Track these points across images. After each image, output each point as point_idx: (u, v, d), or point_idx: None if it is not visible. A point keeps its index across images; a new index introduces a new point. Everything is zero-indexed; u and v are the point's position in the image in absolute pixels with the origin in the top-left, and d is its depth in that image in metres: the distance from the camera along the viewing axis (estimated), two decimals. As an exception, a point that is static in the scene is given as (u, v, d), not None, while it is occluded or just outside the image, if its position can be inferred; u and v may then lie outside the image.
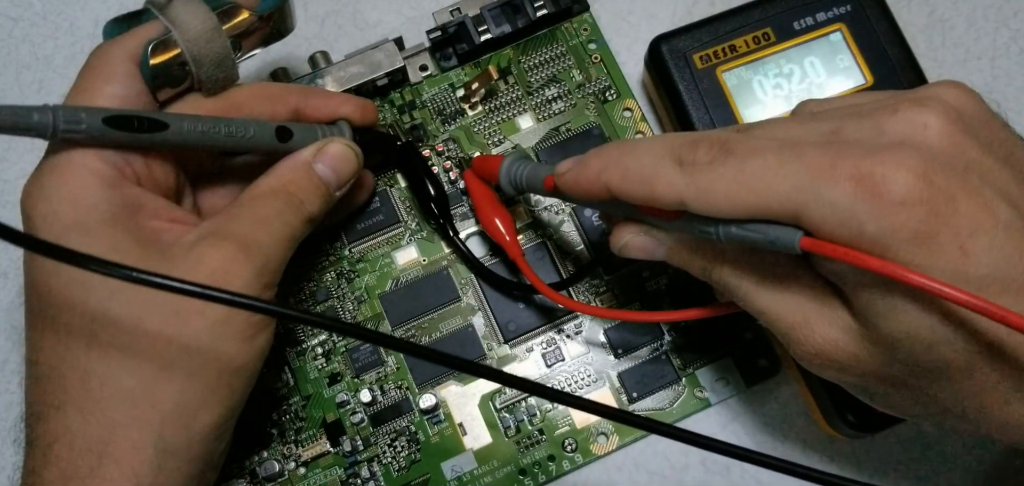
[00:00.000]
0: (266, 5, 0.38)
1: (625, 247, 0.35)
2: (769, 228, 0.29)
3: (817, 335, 0.31)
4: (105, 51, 0.35)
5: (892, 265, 0.27)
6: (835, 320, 0.31)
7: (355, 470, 0.41)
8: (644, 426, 0.32)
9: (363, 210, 0.44)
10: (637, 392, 0.42)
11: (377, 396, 0.42)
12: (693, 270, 0.34)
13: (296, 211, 0.36)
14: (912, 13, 0.48)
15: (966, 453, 0.42)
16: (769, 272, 0.32)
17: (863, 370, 0.31)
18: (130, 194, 0.34)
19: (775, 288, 0.32)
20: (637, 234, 0.35)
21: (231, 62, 0.37)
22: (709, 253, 0.33)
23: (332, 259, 0.44)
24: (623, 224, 0.35)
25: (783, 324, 0.32)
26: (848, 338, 0.30)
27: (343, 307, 0.43)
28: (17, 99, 0.47)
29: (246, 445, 0.41)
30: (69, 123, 0.32)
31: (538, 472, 0.41)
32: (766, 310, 0.32)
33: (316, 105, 0.39)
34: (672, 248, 0.34)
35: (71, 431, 0.32)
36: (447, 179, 0.45)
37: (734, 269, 0.33)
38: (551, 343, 0.43)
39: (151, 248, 0.33)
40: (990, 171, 0.28)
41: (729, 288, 0.33)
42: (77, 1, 0.49)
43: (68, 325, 0.32)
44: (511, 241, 0.41)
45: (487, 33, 0.46)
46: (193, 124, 0.35)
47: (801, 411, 0.42)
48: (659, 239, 0.34)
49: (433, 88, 0.46)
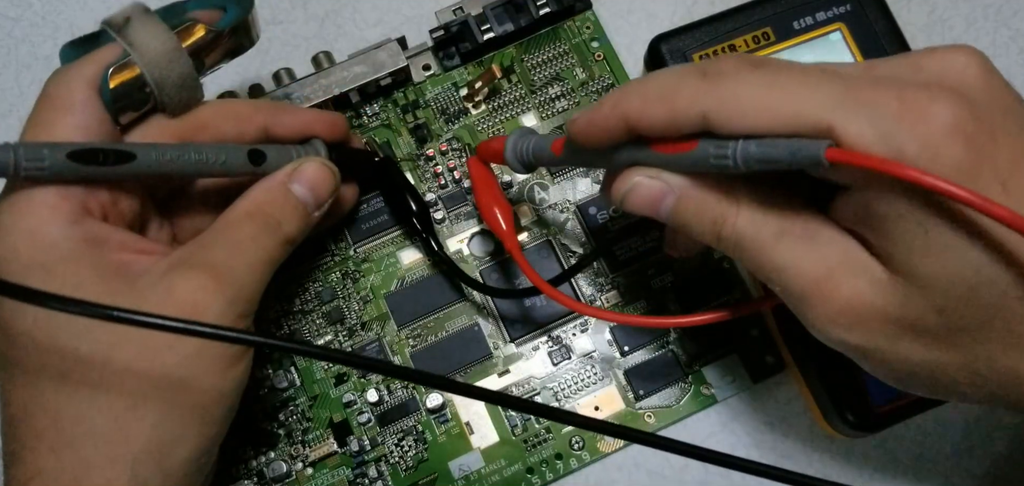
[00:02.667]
0: (227, 20, 0.37)
1: (630, 192, 0.32)
2: (792, 141, 0.27)
3: (843, 289, 0.29)
4: (63, 78, 0.34)
5: (941, 179, 0.25)
6: (863, 270, 0.29)
7: (363, 470, 0.41)
8: (622, 435, 0.32)
9: (357, 212, 0.44)
10: (644, 390, 0.42)
11: (384, 396, 0.42)
12: (703, 224, 0.31)
13: (272, 234, 0.35)
14: (912, 12, 0.49)
15: (966, 454, 0.42)
16: (789, 223, 0.30)
17: (892, 327, 0.29)
18: (92, 229, 0.33)
19: (796, 240, 0.30)
20: (647, 178, 0.32)
21: (194, 81, 0.36)
22: (724, 201, 0.31)
23: (337, 259, 0.43)
24: (629, 169, 0.32)
25: (805, 280, 0.30)
26: (876, 290, 0.29)
27: (349, 307, 0.43)
28: (17, 99, 0.47)
29: (253, 446, 0.41)
30: (31, 161, 0.31)
31: (545, 470, 0.41)
32: (786, 265, 0.30)
33: (286, 122, 0.38)
34: (682, 196, 0.31)
35: (45, 472, 0.31)
36: (452, 178, 0.45)
37: (751, 220, 0.30)
38: (557, 341, 0.43)
39: (117, 282, 0.32)
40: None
41: (743, 243, 0.31)
42: (76, 1, 0.49)
43: (37, 365, 0.32)
44: (508, 231, 0.40)
45: (490, 32, 0.46)
46: (161, 153, 0.34)
47: (801, 411, 0.43)
48: (669, 184, 0.31)
49: (436, 87, 0.46)
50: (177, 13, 0.36)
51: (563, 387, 0.42)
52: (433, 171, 0.45)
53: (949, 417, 0.42)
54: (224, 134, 0.37)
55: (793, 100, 0.27)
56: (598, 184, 0.44)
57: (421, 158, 0.45)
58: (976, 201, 0.25)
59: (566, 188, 0.45)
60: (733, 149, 0.28)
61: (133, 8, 0.35)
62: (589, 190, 0.45)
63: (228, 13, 0.37)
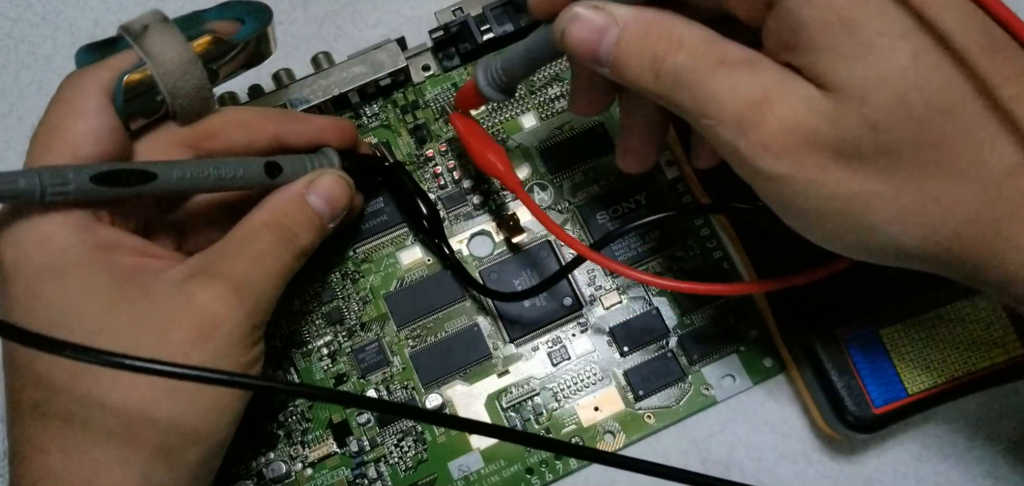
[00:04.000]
0: (245, 32, 0.37)
1: (571, 24, 0.31)
2: None
3: (778, 109, 0.28)
4: (77, 82, 0.34)
5: None
6: (798, 90, 0.28)
7: (362, 470, 0.41)
8: (579, 454, 0.32)
9: (360, 217, 0.44)
10: (643, 390, 0.42)
11: (383, 396, 0.42)
12: (644, 63, 0.30)
13: (289, 245, 0.35)
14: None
15: (966, 454, 0.42)
16: (730, 55, 0.29)
17: (823, 153, 0.28)
18: (104, 234, 0.33)
19: (734, 68, 0.29)
20: (586, 9, 0.31)
21: (207, 92, 0.36)
22: (666, 38, 0.30)
23: (337, 260, 0.43)
24: (572, 2, 0.31)
25: (740, 103, 0.29)
26: (810, 110, 0.28)
27: (348, 308, 0.43)
28: (16, 99, 0.47)
29: (252, 447, 0.41)
30: (56, 185, 0.31)
31: (545, 471, 0.41)
32: (723, 93, 0.29)
33: (298, 131, 0.39)
34: (626, 29, 0.30)
35: (54, 472, 0.31)
36: (451, 178, 0.45)
37: (690, 53, 0.29)
38: (557, 342, 0.43)
39: (130, 286, 0.32)
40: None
41: (682, 76, 0.30)
42: (76, 2, 0.49)
43: (48, 366, 0.32)
44: (506, 171, 0.40)
45: (489, 32, 0.46)
46: (182, 171, 0.34)
47: (800, 411, 0.43)
48: (614, 15, 0.31)
49: (436, 88, 0.46)
50: (195, 23, 0.36)
51: (563, 387, 0.42)
52: (433, 171, 0.45)
53: (948, 417, 0.42)
54: (234, 142, 0.37)
55: None
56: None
57: (420, 158, 0.45)
58: None
59: (565, 189, 0.45)
60: None
61: (151, 16, 0.35)
62: (588, 191, 0.45)
63: (246, 26, 0.37)
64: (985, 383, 0.39)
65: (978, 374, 0.39)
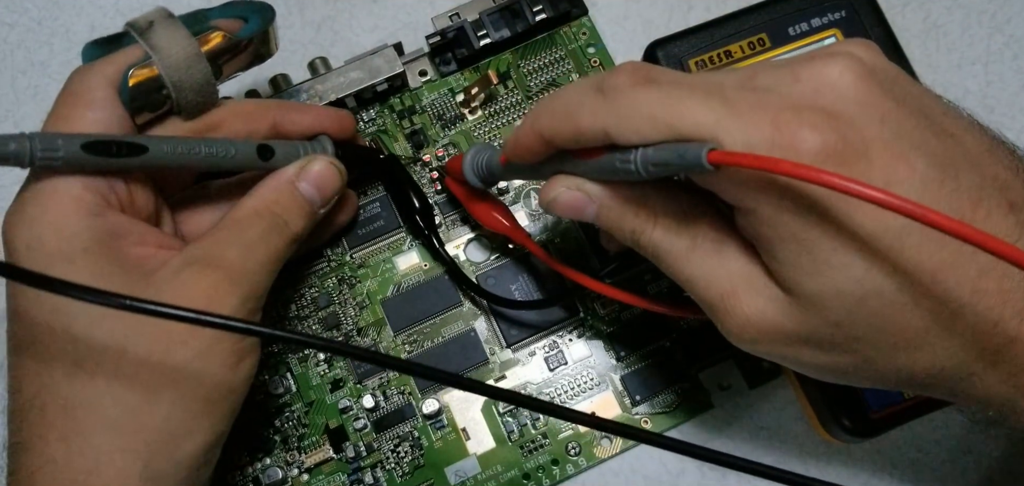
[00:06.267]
0: (248, 30, 0.37)
1: (554, 201, 0.33)
2: (681, 145, 0.28)
3: (745, 306, 0.30)
4: (84, 76, 0.35)
5: (810, 168, 0.25)
6: (762, 288, 0.30)
7: (358, 476, 0.41)
8: (636, 437, 0.32)
9: (353, 225, 0.44)
10: (640, 395, 0.42)
11: (380, 401, 0.42)
12: (624, 232, 0.33)
13: (280, 232, 0.36)
14: (907, 18, 0.49)
15: (963, 456, 0.42)
16: (701, 237, 0.31)
17: (791, 340, 0.30)
18: (114, 221, 0.33)
19: (706, 255, 0.31)
20: (568, 188, 0.33)
21: (212, 87, 0.36)
22: (641, 212, 0.32)
23: (334, 265, 0.43)
24: (554, 178, 0.34)
25: (712, 293, 0.31)
26: (775, 309, 0.29)
27: (345, 313, 0.43)
28: (12, 105, 0.47)
29: (249, 452, 0.41)
30: (46, 150, 0.31)
31: (542, 476, 0.41)
32: (696, 278, 0.31)
33: (295, 120, 0.39)
34: (602, 205, 0.33)
35: (54, 461, 0.31)
36: (434, 191, 0.45)
37: (665, 232, 0.32)
38: (553, 347, 0.43)
39: (135, 274, 0.33)
40: (905, 123, 0.28)
41: (660, 253, 0.32)
42: (72, 7, 0.49)
43: (51, 354, 0.32)
44: (512, 226, 0.41)
45: (486, 38, 0.46)
46: (173, 146, 0.34)
47: (797, 416, 0.43)
48: (590, 195, 0.33)
49: (433, 93, 0.46)
50: (200, 20, 0.37)
51: (560, 392, 0.42)
52: (429, 177, 0.45)
53: (945, 422, 0.42)
54: (236, 133, 0.37)
55: (684, 115, 0.28)
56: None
57: (417, 163, 0.45)
58: (860, 191, 0.24)
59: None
60: (634, 156, 0.30)
61: (157, 12, 0.36)
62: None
63: (250, 23, 0.38)
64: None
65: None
